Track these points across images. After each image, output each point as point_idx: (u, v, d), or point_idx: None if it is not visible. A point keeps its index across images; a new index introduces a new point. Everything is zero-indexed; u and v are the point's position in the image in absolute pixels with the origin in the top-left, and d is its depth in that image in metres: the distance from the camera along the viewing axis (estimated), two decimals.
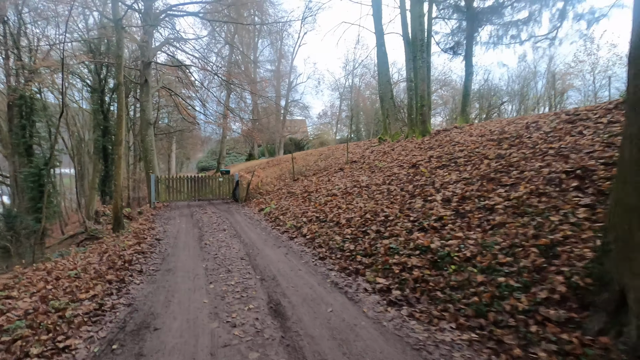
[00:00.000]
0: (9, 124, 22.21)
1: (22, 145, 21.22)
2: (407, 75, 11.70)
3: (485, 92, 17.68)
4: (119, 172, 8.83)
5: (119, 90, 8.63)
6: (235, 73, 23.86)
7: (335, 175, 10.66)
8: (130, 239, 7.54)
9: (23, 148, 21.25)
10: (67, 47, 23.98)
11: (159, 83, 20.99)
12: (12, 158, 22.25)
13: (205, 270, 5.12)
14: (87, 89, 27.58)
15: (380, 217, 6.06)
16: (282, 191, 11.69)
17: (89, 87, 25.97)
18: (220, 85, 28.03)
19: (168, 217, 10.62)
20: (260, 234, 7.66)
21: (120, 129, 8.67)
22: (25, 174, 19.62)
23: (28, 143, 21.43)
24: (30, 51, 21.39)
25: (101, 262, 5.79)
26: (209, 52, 24.52)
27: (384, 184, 7.83)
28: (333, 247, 5.80)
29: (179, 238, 7.53)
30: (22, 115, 21.41)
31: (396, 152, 10.32)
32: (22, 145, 21.22)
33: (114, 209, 8.89)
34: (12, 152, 21.98)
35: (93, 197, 24.94)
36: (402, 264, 4.40)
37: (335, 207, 7.66)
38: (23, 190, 20.64)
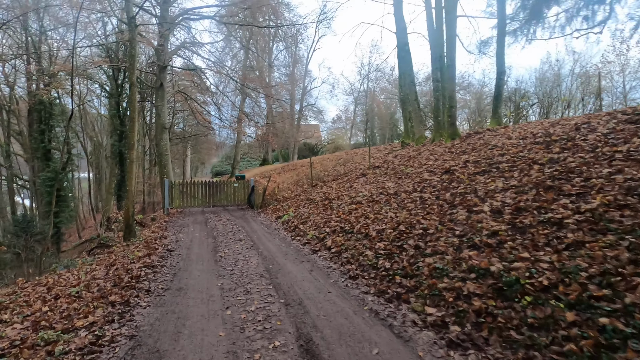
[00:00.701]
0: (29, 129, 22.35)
1: (41, 149, 21.22)
2: (433, 75, 10.93)
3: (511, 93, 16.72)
4: (131, 177, 8.32)
5: (132, 91, 8.15)
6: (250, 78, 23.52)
7: (358, 181, 9.92)
8: (141, 249, 6.97)
9: (41, 152, 21.26)
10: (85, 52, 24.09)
11: (175, 87, 20.74)
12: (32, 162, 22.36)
13: (221, 290, 4.45)
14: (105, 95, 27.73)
15: (417, 229, 5.30)
16: (300, 198, 11.02)
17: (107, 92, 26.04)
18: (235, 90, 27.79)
19: (181, 224, 10.06)
20: (280, 245, 6.98)
21: (133, 131, 8.17)
22: (42, 178, 19.56)
23: (47, 147, 21.41)
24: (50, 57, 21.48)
25: (107, 277, 5.20)
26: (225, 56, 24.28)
27: (415, 192, 7.06)
28: (364, 264, 5.06)
29: (192, 249, 6.91)
30: (41, 120, 21.47)
31: (423, 156, 9.52)
32: (41, 150, 21.23)
33: (125, 216, 8.37)
34: (31, 156, 22.08)
35: (110, 201, 24.83)
36: (455, 289, 3.63)
37: (361, 217, 6.92)
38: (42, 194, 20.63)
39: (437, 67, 10.88)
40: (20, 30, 20.91)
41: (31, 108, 21.25)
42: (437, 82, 10.79)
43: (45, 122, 20.62)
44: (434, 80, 10.95)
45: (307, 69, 36.28)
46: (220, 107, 20.86)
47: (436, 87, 10.79)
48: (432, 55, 10.98)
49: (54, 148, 21.10)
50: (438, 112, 10.70)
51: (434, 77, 10.94)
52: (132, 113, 8.12)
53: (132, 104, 8.14)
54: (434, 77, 10.95)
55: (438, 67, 10.86)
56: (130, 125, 8.17)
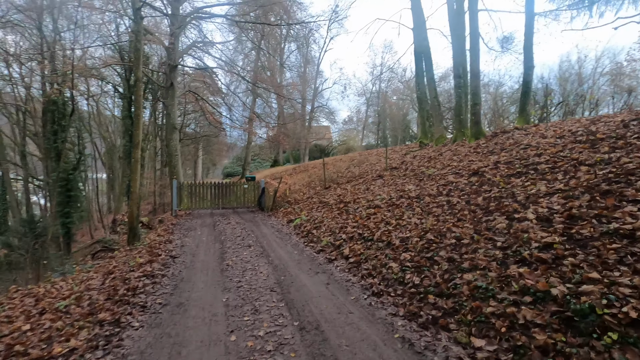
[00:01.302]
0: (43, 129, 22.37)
1: (54, 150, 21.12)
2: (455, 71, 10.20)
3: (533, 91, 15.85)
4: (135, 178, 7.84)
5: (137, 86, 7.68)
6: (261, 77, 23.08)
7: (374, 184, 9.26)
8: (143, 255, 6.45)
9: (54, 153, 21.16)
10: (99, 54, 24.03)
11: (186, 87, 20.44)
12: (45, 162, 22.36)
13: (226, 307, 3.86)
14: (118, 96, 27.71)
15: (448, 239, 4.62)
16: (312, 200, 10.41)
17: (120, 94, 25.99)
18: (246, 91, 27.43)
19: (189, 227, 9.56)
20: (292, 252, 6.37)
21: (138, 129, 7.69)
22: (53, 178, 19.43)
23: (59, 148, 21.30)
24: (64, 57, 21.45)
25: (102, 287, 4.68)
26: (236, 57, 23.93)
27: (440, 195, 6.37)
28: (389, 277, 4.41)
29: (197, 256, 6.36)
30: (54, 120, 21.41)
31: (446, 157, 8.81)
32: (54, 150, 21.13)
33: (130, 219, 7.89)
34: (44, 156, 22.09)
35: (121, 202, 24.67)
36: (506, 316, 2.96)
37: (381, 222, 6.27)
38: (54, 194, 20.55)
39: (459, 62, 10.15)
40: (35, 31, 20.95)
41: (45, 109, 21.28)
42: (459, 79, 10.06)
43: (57, 122, 20.57)
44: (455, 76, 10.22)
45: (318, 70, 35.77)
46: (231, 107, 20.45)
47: (458, 84, 10.06)
48: (454, 50, 10.26)
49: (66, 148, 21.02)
50: (460, 110, 9.97)
51: (455, 73, 10.22)
52: (137, 110, 7.65)
53: (137, 100, 7.68)
54: (455, 73, 10.22)
55: (460, 63, 10.14)
56: (135, 123, 7.70)
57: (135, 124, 7.78)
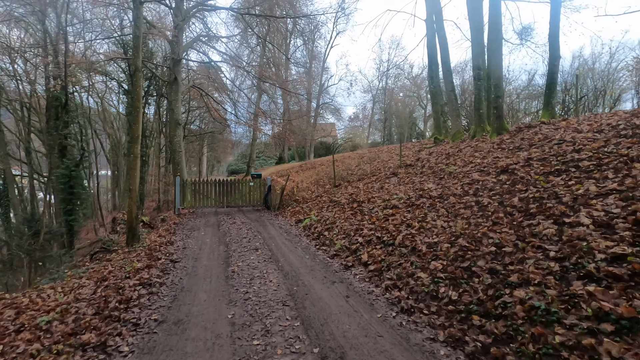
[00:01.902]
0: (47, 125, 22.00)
1: (57, 146, 20.71)
2: (474, 62, 9.52)
3: None
4: (135, 175, 7.28)
5: (136, 77, 7.11)
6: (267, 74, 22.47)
7: (389, 182, 8.64)
8: (142, 259, 5.90)
9: (57, 149, 20.75)
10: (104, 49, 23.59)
11: (190, 82, 19.90)
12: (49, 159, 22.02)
13: (232, 326, 3.28)
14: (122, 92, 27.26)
15: (486, 246, 4.00)
16: (322, 199, 9.80)
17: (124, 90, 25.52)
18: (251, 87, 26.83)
19: (192, 226, 9.01)
20: (303, 257, 5.78)
21: (137, 123, 7.13)
22: (56, 174, 19.03)
23: (62, 144, 20.88)
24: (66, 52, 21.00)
25: (92, 297, 4.12)
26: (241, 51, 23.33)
27: (467, 195, 5.74)
28: (418, 290, 3.80)
29: (200, 260, 5.79)
30: (58, 116, 20.99)
31: (466, 154, 8.15)
32: (57, 146, 20.72)
33: (129, 219, 7.34)
34: (48, 152, 21.73)
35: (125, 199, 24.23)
36: (583, 349, 2.34)
37: (401, 225, 5.65)
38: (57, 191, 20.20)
39: (478, 53, 9.46)
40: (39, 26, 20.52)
41: (49, 104, 20.93)
42: (478, 70, 9.37)
43: (60, 118, 20.16)
44: (474, 67, 9.53)
45: (324, 66, 35.01)
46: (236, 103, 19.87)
47: (477, 76, 9.38)
48: (473, 40, 9.57)
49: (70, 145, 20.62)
50: (480, 104, 9.29)
51: (474, 65, 9.53)
52: (136, 102, 7.08)
53: (136, 91, 7.10)
54: (474, 64, 9.54)
55: (479, 53, 9.45)
56: (134, 116, 7.14)
57: (134, 118, 7.21)
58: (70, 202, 18.68)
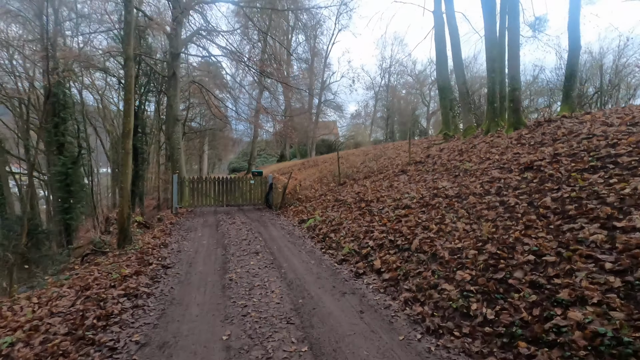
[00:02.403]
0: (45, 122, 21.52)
1: (55, 143, 20.20)
2: (487, 53, 8.92)
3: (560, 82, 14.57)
4: (127, 172, 6.74)
5: (127, 66, 6.54)
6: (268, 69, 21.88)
7: (398, 180, 8.07)
8: (131, 263, 5.37)
9: (55, 146, 20.24)
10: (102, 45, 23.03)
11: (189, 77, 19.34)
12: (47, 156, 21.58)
13: (227, 351, 2.73)
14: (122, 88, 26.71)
15: (521, 253, 3.44)
16: (326, 198, 9.24)
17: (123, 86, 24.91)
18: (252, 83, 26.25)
19: (189, 227, 8.47)
20: (308, 262, 5.22)
21: (128, 116, 6.58)
22: (52, 172, 18.53)
23: (60, 141, 20.37)
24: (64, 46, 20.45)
25: (69, 312, 3.58)
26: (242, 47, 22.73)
27: (489, 194, 5.17)
28: (444, 305, 3.25)
29: (194, 265, 5.24)
30: (55, 112, 20.48)
31: (481, 150, 7.58)
32: (54, 143, 20.20)
33: (120, 219, 6.80)
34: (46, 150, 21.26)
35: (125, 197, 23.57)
36: None
37: (416, 227, 5.09)
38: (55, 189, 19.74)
39: (492, 45, 8.86)
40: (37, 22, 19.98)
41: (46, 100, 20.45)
42: (492, 62, 8.77)
43: (58, 114, 19.65)
44: (488, 59, 8.93)
45: (326, 62, 34.36)
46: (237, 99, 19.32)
47: (491, 68, 8.78)
48: (486, 29, 8.96)
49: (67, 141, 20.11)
50: (494, 98, 8.69)
51: (488, 56, 8.93)
52: (128, 93, 6.53)
53: (127, 82, 6.54)
54: (488, 55, 8.94)
55: (493, 44, 8.85)
56: (125, 109, 6.58)
57: (125, 110, 6.66)
58: (67, 200, 18.16)
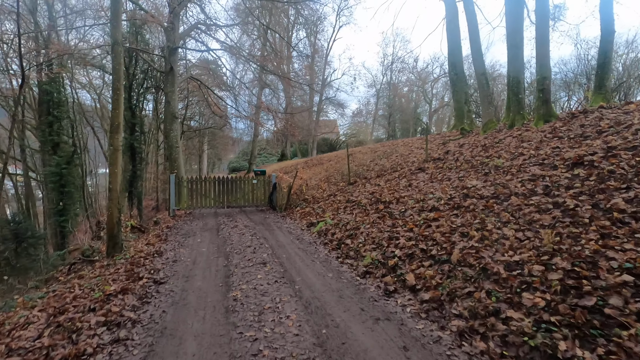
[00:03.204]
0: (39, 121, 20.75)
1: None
2: (510, 40, 8.12)
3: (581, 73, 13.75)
4: (115, 172, 5.93)
5: (115, 52, 5.73)
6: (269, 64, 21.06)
7: (416, 178, 7.28)
8: (119, 276, 4.57)
9: (50, 145, 19.38)
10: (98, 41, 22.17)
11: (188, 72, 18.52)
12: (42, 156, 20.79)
13: None
14: None
15: (609, 271, 2.66)
16: (337, 199, 8.44)
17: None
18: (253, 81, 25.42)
19: (187, 231, 7.67)
20: (325, 275, 4.43)
21: (117, 108, 5.77)
22: (45, 172, 17.70)
23: (55, 140, 19.51)
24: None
25: (32, 347, 2.78)
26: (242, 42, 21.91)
27: (535, 195, 4.38)
28: (516, 341, 2.46)
29: (192, 279, 4.44)
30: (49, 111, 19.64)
31: (509, 145, 6.80)
32: (49, 143, 19.36)
33: (109, 224, 6.00)
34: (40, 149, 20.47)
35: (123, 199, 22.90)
36: None
37: (451, 233, 4.31)
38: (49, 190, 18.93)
39: (514, 30, 8.07)
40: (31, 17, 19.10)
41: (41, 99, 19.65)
42: (516, 49, 7.98)
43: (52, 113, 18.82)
44: (510, 46, 8.13)
45: (327, 60, 33.50)
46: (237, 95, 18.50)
47: (514, 56, 7.99)
48: (508, 14, 8.16)
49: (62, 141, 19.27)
50: (518, 88, 7.90)
51: (510, 43, 8.13)
52: (116, 82, 5.72)
53: (115, 69, 5.73)
54: (510, 42, 8.14)
55: (516, 29, 8.06)
56: (114, 100, 5.78)
57: (113, 102, 5.85)
58: (61, 201, 17.32)
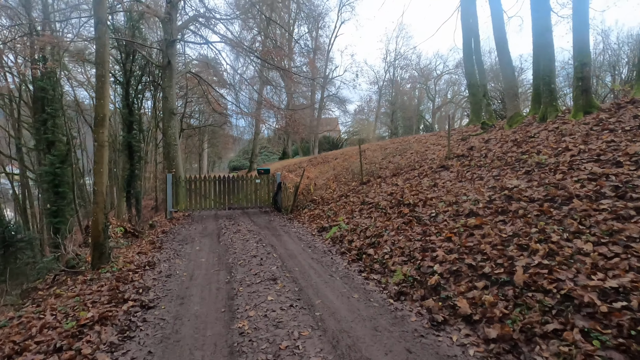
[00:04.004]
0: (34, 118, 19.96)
1: (44, 140, 18.49)
2: (537, 25, 7.28)
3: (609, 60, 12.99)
4: (101, 171, 5.10)
5: (99, 32, 4.88)
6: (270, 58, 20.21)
7: (440, 177, 6.46)
8: (101, 298, 3.76)
9: (44, 144, 18.53)
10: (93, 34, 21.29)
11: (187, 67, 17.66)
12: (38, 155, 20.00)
13: None
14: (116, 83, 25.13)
15: None
16: (349, 200, 7.62)
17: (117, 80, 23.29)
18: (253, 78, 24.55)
19: (184, 237, 6.86)
20: (349, 296, 3.61)
21: (102, 97, 4.94)
22: (39, 172, 16.86)
23: (50, 139, 18.64)
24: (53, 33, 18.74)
25: None
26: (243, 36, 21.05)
27: (604, 197, 3.57)
28: None
29: (188, 302, 3.62)
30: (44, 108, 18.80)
31: (548, 139, 5.98)
32: (43, 141, 18.50)
33: (94, 231, 5.17)
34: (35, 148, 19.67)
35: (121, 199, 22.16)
36: None
37: (505, 245, 3.49)
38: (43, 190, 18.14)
39: (543, 11, 7.23)
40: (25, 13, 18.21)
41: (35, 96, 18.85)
42: (547, 32, 7.15)
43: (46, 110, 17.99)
44: (538, 32, 7.27)
45: (328, 56, 32.59)
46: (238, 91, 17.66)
47: (546, 42, 7.16)
48: None
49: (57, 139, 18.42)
50: (550, 77, 7.07)
51: (537, 28, 7.26)
52: (100, 67, 4.88)
53: (99, 52, 4.88)
54: (538, 27, 7.25)
55: (545, 11, 7.23)
56: (98, 88, 4.94)
57: (97, 90, 5.01)
58: (55, 202, 16.50)
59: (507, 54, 8.34)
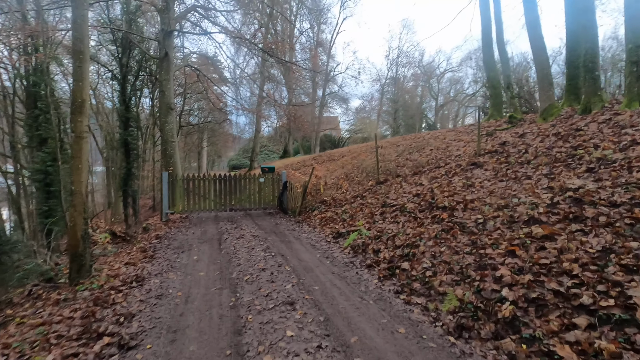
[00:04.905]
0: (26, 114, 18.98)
1: (36, 137, 17.48)
2: (571, 7, 6.39)
3: None
4: (79, 167, 4.21)
5: (75, 14, 3.99)
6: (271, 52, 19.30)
7: (472, 175, 5.59)
8: (70, 332, 2.87)
9: (36, 141, 17.51)
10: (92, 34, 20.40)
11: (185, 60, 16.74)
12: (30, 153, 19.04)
13: None
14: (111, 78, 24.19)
15: None
16: (366, 201, 6.74)
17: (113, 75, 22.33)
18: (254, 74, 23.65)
19: (181, 243, 5.97)
20: (394, 331, 2.74)
21: (81, 79, 4.05)
22: (29, 170, 15.91)
23: (42, 136, 17.63)
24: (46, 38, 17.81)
25: None
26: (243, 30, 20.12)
27: None
28: None
29: (181, 338, 2.73)
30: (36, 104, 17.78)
31: (602, 132, 5.13)
32: (36, 138, 17.49)
33: (71, 240, 4.29)
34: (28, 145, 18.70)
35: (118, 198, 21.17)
36: None
37: (595, 264, 2.63)
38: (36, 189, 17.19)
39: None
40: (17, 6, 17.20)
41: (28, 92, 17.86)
42: (588, 12, 6.29)
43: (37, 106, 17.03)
44: (572, 14, 6.42)
45: (330, 53, 31.65)
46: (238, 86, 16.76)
47: (588, 23, 6.30)
48: None
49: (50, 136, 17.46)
50: (594, 64, 6.21)
51: (572, 9, 6.42)
52: (78, 42, 3.95)
53: (76, 23, 3.98)
54: (572, 8, 6.42)
55: None
56: (76, 68, 4.05)
57: (75, 71, 4.12)
58: (46, 202, 15.54)
59: (540, 38, 7.42)
